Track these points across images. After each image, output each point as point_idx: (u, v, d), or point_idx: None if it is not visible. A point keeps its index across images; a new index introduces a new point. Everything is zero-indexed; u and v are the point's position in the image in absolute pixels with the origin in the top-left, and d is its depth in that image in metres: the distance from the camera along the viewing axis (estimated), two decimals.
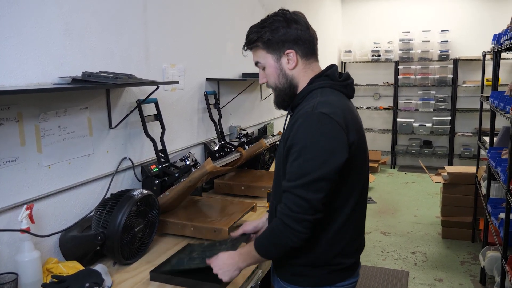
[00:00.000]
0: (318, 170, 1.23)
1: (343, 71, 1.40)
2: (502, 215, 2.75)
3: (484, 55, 4.17)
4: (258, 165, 3.01)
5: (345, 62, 7.43)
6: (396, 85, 7.20)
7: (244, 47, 1.46)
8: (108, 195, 1.92)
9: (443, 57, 6.84)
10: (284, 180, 1.30)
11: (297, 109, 1.40)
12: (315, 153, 1.24)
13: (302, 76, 1.41)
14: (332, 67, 1.43)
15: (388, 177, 6.77)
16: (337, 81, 1.41)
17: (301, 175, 1.24)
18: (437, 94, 6.99)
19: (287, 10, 1.41)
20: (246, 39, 1.43)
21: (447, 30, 6.81)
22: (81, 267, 1.62)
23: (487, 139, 3.73)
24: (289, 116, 1.50)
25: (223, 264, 1.43)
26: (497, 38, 3.26)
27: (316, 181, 1.23)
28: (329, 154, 1.24)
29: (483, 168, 4.00)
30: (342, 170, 1.27)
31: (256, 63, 1.46)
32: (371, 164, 6.70)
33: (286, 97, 1.43)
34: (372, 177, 6.08)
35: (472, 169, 4.32)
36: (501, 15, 6.43)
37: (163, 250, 1.89)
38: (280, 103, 1.47)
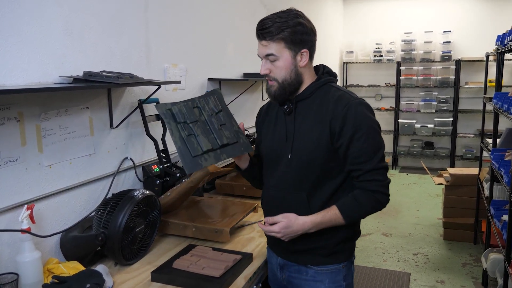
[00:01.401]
0: (383, 143, 1.51)
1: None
2: (505, 217, 2.74)
3: (487, 56, 4.15)
4: None
5: (346, 63, 7.41)
6: (398, 86, 7.18)
7: (262, 36, 1.47)
8: (109, 195, 1.91)
9: (446, 58, 6.82)
10: (355, 164, 1.47)
11: (305, 102, 1.53)
12: (377, 132, 1.50)
13: (307, 74, 1.54)
14: (325, 66, 1.61)
15: (389, 178, 6.74)
16: (335, 77, 1.61)
17: (376, 150, 1.48)
18: (439, 95, 6.97)
19: (301, 12, 1.51)
20: (266, 29, 1.45)
21: (450, 31, 6.79)
22: (82, 268, 1.61)
23: (489, 140, 3.71)
24: (279, 111, 1.61)
25: (292, 231, 1.48)
26: (501, 39, 3.25)
27: (384, 152, 1.51)
28: (380, 132, 1.53)
29: (485, 170, 3.99)
30: None
31: (267, 55, 1.47)
32: None
33: (292, 90, 1.52)
34: None
35: (474, 170, 4.30)
36: (503, 16, 6.42)
37: (164, 251, 1.88)
38: (280, 96, 1.53)
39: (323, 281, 1.58)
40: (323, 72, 1.58)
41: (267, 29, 1.44)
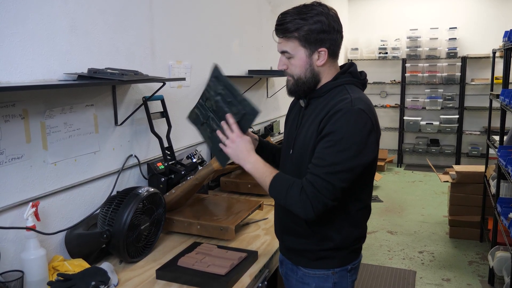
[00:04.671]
0: (348, 162, 1.32)
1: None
2: None
3: (494, 53, 4.12)
4: None
5: (351, 60, 7.38)
6: (403, 83, 7.15)
7: (277, 33, 1.43)
8: (114, 193, 1.91)
9: (451, 54, 6.78)
10: (311, 163, 1.36)
11: (317, 101, 1.46)
12: (349, 146, 1.32)
13: (327, 73, 1.47)
14: (352, 65, 1.50)
15: (395, 176, 6.73)
16: (359, 79, 1.50)
17: (333, 163, 1.32)
18: (444, 92, 6.93)
19: (327, 7, 1.43)
20: (281, 25, 1.41)
21: (456, 28, 6.75)
22: (87, 265, 1.60)
23: (496, 137, 3.69)
24: (300, 105, 1.55)
25: (237, 155, 1.47)
26: (508, 35, 3.21)
27: (344, 172, 1.33)
28: (361, 150, 1.34)
29: (492, 167, 3.96)
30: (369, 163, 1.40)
31: (282, 51, 1.44)
32: (377, 163, 6.67)
33: (306, 89, 1.47)
34: (378, 176, 6.04)
35: (480, 168, 4.28)
36: (510, 12, 6.37)
37: (169, 249, 1.87)
38: (296, 92, 1.50)
39: (310, 284, 1.53)
40: (345, 71, 1.48)
41: (284, 25, 1.39)
